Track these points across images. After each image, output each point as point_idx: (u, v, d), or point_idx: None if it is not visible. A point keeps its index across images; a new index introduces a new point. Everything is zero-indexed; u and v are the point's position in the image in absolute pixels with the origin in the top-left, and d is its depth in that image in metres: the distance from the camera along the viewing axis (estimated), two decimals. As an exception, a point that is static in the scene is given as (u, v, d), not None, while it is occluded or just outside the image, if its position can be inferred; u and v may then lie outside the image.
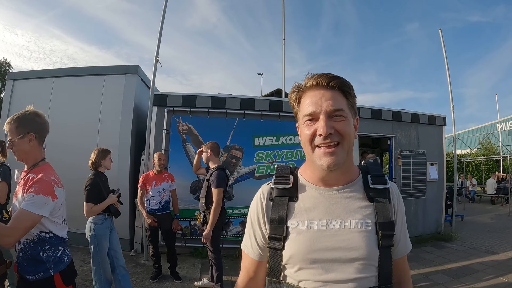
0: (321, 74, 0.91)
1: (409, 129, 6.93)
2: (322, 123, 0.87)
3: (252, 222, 1.04)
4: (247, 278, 1.08)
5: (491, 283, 4.22)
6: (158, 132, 5.48)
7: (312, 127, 0.90)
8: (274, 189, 1.00)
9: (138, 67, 5.83)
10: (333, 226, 0.90)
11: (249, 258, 1.06)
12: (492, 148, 21.07)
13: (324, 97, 0.89)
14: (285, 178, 1.01)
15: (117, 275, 3.33)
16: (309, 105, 0.90)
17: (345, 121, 0.89)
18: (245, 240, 1.09)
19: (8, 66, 22.63)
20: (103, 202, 3.24)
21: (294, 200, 0.97)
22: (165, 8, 5.62)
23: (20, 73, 6.60)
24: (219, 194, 3.53)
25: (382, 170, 1.04)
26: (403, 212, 1.01)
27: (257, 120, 5.66)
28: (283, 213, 0.95)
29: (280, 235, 0.93)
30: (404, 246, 1.03)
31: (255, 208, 1.03)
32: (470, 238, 6.83)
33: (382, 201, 0.94)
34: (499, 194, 13.18)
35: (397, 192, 1.01)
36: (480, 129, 26.12)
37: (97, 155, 3.37)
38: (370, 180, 0.96)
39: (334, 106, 0.88)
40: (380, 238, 0.89)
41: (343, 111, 0.89)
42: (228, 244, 5.20)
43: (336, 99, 0.89)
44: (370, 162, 1.06)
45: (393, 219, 0.95)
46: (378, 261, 0.89)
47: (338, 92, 0.90)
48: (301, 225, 0.92)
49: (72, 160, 5.40)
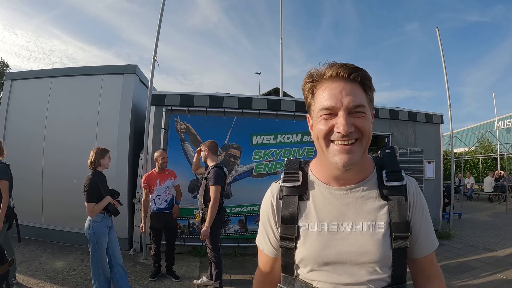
0: (342, 64, 0.83)
1: (407, 127, 6.95)
2: (342, 121, 0.80)
3: (264, 221, 1.03)
4: (263, 272, 1.09)
5: (488, 279, 4.24)
6: (156, 132, 5.48)
7: (330, 121, 0.83)
8: (283, 187, 0.97)
9: (136, 66, 5.83)
10: (344, 229, 0.88)
11: (264, 255, 1.05)
12: (490, 146, 21.13)
13: (345, 90, 0.81)
14: (294, 174, 0.97)
15: (115, 274, 3.34)
16: (327, 98, 0.83)
17: (365, 117, 0.83)
18: (259, 237, 1.06)
19: (5, 66, 22.52)
20: (101, 202, 3.25)
21: (304, 198, 0.94)
22: (162, 7, 5.62)
23: (18, 73, 6.59)
24: (216, 192, 3.54)
25: (398, 164, 0.95)
26: (423, 208, 0.94)
27: (255, 119, 5.67)
28: (294, 212, 0.93)
29: (292, 235, 0.91)
30: (427, 244, 0.94)
31: (265, 207, 1.02)
32: (467, 236, 6.86)
33: (398, 199, 0.88)
34: (497, 192, 13.23)
35: (415, 188, 0.95)
36: (478, 127, 26.20)
37: (96, 155, 3.37)
38: (385, 177, 0.91)
39: (355, 102, 0.81)
40: (393, 239, 0.85)
41: (364, 107, 0.83)
42: (226, 242, 5.21)
43: (357, 94, 0.82)
44: (386, 154, 0.98)
45: (408, 219, 0.90)
46: (391, 263, 0.86)
47: (358, 86, 0.83)
48: (312, 227, 0.90)
49: (71, 160, 5.43)
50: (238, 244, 5.40)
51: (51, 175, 5.64)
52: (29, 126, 5.94)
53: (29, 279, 3.95)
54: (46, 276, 4.07)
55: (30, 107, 6.02)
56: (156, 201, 4.23)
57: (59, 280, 3.99)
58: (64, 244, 5.42)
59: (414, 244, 0.93)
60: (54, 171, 5.62)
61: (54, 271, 4.26)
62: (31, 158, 5.76)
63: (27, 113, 6.01)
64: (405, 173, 0.95)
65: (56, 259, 4.73)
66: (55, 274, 4.16)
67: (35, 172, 5.70)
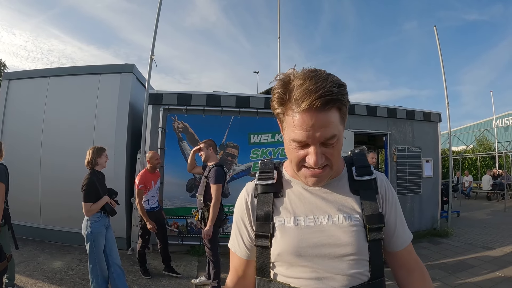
0: (315, 91, 0.74)
1: (405, 125, 6.96)
2: (313, 156, 0.79)
3: (238, 221, 1.01)
4: (236, 277, 1.05)
5: (486, 277, 4.25)
6: (154, 131, 5.47)
7: (301, 151, 0.82)
8: (258, 185, 0.97)
9: (133, 65, 5.81)
10: (320, 222, 0.88)
11: (237, 257, 1.03)
12: (488, 144, 21.19)
13: (317, 123, 0.76)
14: (269, 173, 0.98)
15: (112, 273, 3.33)
16: (298, 131, 0.78)
17: (336, 145, 0.82)
18: (232, 239, 1.05)
19: (3, 66, 22.44)
20: (98, 202, 3.23)
21: (279, 195, 0.94)
22: (159, 7, 5.60)
23: (15, 73, 6.56)
24: (218, 190, 3.51)
25: (367, 161, 0.98)
26: (393, 201, 0.96)
27: (252, 118, 5.66)
28: (269, 209, 0.92)
29: (267, 233, 0.90)
30: (403, 236, 0.97)
31: (240, 207, 1.01)
32: (466, 234, 6.87)
33: (368, 193, 0.91)
34: (495, 190, 13.26)
35: (385, 182, 0.97)
36: (476, 125, 26.30)
37: (93, 154, 3.34)
38: (355, 172, 0.94)
39: (327, 135, 0.78)
40: (368, 231, 0.86)
41: (335, 136, 0.80)
42: (224, 241, 5.16)
43: (330, 123, 0.78)
44: (355, 153, 1.02)
45: (381, 211, 0.91)
46: (368, 256, 0.86)
47: (333, 110, 0.78)
48: (288, 222, 0.89)
49: (68, 159, 5.41)
50: (236, 243, 5.37)
51: (48, 175, 5.62)
52: (26, 126, 5.92)
53: (27, 279, 3.94)
54: (44, 276, 4.06)
55: (27, 106, 5.99)
56: (150, 201, 4.24)
57: (57, 280, 3.98)
58: (62, 244, 5.41)
59: (392, 236, 0.96)
60: (51, 171, 5.60)
61: (52, 271, 4.25)
62: (28, 158, 5.74)
63: (24, 113, 5.99)
64: (373, 168, 0.98)
65: (54, 259, 4.72)
66: (53, 274, 4.15)
67: (32, 172, 5.68)
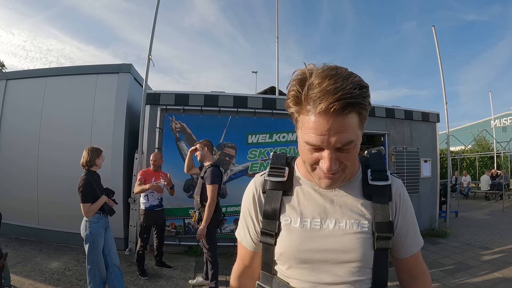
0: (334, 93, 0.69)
1: (403, 125, 6.96)
2: (327, 162, 0.76)
3: (245, 213, 1.01)
4: (242, 265, 1.06)
5: (485, 278, 4.24)
6: (151, 131, 5.47)
7: (314, 154, 0.78)
8: (268, 181, 0.95)
9: (131, 65, 5.80)
10: (327, 226, 0.85)
11: (244, 248, 1.03)
12: (487, 144, 21.20)
13: (334, 128, 0.72)
14: (280, 170, 0.94)
15: (110, 274, 3.32)
16: (312, 134, 0.74)
17: (353, 150, 0.77)
18: (239, 228, 1.04)
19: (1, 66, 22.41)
20: (97, 202, 3.22)
21: (288, 194, 0.92)
22: (157, 6, 5.59)
23: (13, 73, 6.55)
24: (213, 190, 3.51)
25: (385, 164, 0.92)
26: (407, 209, 0.91)
27: (250, 118, 5.65)
28: (276, 207, 0.90)
29: (273, 231, 0.89)
30: (413, 244, 0.93)
31: (247, 200, 1.00)
32: (464, 234, 6.87)
33: (381, 199, 0.86)
34: (493, 190, 13.28)
35: (400, 189, 0.92)
36: (474, 126, 26.28)
37: (92, 154, 3.32)
38: (370, 176, 0.89)
39: (343, 141, 0.74)
40: (375, 239, 0.83)
41: (352, 142, 0.75)
42: (222, 242, 5.19)
43: (347, 128, 0.73)
44: (372, 154, 0.96)
45: (392, 219, 0.88)
46: (372, 264, 0.83)
47: (352, 114, 0.73)
48: (294, 222, 0.88)
49: (66, 159, 5.39)
50: (234, 243, 5.36)
51: (46, 175, 5.60)
52: (24, 126, 5.90)
53: (24, 280, 3.92)
54: (41, 277, 4.04)
55: (25, 106, 5.98)
56: (149, 197, 4.35)
57: (54, 281, 3.96)
58: (60, 245, 5.39)
59: (402, 245, 0.92)
60: (49, 171, 5.58)
61: (50, 272, 4.23)
62: (26, 158, 5.73)
63: (22, 112, 5.97)
64: (391, 173, 0.93)
65: (52, 260, 4.70)
66: (50, 275, 4.13)
67: (30, 171, 5.67)
